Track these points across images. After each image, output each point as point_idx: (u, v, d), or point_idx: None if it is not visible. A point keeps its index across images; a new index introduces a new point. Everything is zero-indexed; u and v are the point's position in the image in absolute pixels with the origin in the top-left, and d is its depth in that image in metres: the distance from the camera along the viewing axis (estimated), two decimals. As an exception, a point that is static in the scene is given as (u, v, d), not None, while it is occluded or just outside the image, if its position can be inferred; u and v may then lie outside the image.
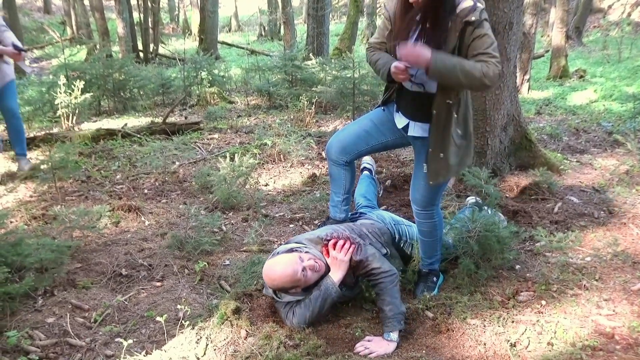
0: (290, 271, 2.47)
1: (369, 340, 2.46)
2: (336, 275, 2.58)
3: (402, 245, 3.11)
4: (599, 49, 13.57)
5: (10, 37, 4.54)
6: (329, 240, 2.64)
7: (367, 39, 18.19)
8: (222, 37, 19.62)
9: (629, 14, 17.11)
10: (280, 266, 2.50)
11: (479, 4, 2.28)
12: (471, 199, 3.67)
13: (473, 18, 2.24)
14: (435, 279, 2.94)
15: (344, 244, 2.60)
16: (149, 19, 14.19)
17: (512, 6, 3.78)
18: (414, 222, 2.94)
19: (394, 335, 2.45)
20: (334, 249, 2.60)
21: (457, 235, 2.98)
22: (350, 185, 3.12)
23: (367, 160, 4.16)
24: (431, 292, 2.83)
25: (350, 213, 3.28)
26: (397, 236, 3.09)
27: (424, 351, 2.40)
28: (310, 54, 10.88)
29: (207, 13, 13.41)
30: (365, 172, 4.04)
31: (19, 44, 4.54)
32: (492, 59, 2.26)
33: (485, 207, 3.38)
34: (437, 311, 2.66)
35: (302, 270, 2.49)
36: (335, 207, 3.18)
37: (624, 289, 2.70)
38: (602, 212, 3.64)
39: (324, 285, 2.56)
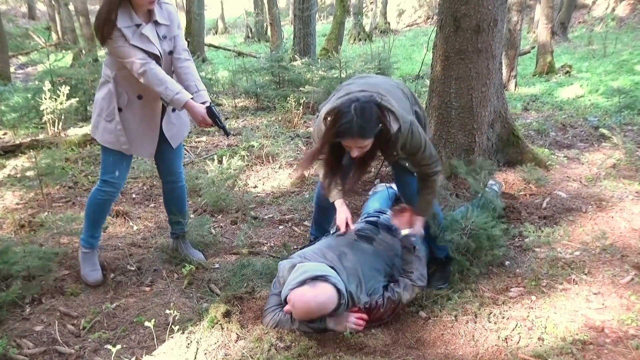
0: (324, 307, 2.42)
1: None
2: (332, 325, 2.52)
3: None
4: (584, 45, 13.67)
5: (196, 80, 2.84)
6: (366, 308, 2.56)
7: (354, 39, 18.20)
8: (208, 39, 19.56)
9: (613, 9, 17.26)
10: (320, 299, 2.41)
11: (395, 125, 2.39)
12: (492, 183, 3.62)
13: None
14: (450, 268, 2.91)
15: (364, 323, 2.53)
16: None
17: (497, 3, 3.79)
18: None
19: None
20: (354, 318, 2.52)
21: (450, 233, 2.96)
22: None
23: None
24: (445, 283, 2.87)
25: None
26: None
27: (415, 348, 2.40)
28: (297, 55, 10.86)
29: (194, 16, 13.35)
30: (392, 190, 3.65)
31: (215, 110, 2.74)
32: (433, 163, 2.61)
33: (497, 190, 3.51)
34: (429, 309, 2.66)
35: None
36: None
37: (612, 282, 2.72)
38: (589, 206, 3.66)
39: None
